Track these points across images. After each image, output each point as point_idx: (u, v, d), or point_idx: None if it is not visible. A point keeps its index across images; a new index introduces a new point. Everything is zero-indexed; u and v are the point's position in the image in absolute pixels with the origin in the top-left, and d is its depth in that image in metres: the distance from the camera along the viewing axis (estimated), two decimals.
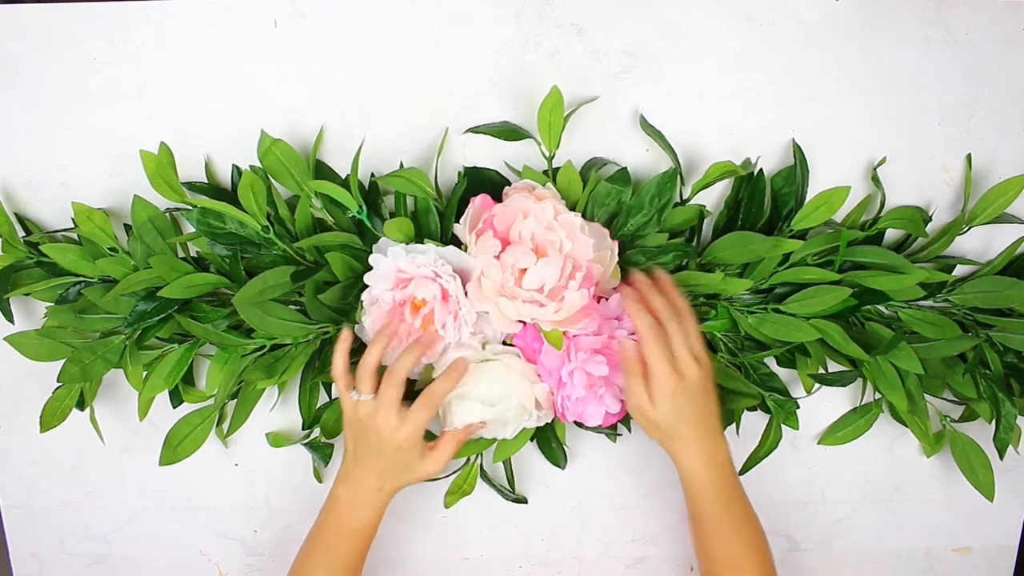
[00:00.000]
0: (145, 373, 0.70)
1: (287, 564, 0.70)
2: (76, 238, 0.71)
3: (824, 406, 0.77)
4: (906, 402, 0.71)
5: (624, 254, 0.68)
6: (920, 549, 0.82)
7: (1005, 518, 0.81)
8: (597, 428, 0.73)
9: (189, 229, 0.71)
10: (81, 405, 0.72)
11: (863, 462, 0.79)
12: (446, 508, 0.75)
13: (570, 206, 0.67)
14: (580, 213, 0.66)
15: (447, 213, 0.68)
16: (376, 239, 0.68)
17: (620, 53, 0.69)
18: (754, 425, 0.75)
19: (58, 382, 0.69)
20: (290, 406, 0.75)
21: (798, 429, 0.74)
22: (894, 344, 0.69)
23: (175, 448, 0.72)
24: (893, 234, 0.73)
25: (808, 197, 0.70)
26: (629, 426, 0.76)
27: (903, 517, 0.81)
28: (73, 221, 0.69)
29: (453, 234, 0.68)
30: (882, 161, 0.71)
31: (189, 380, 0.74)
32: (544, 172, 0.68)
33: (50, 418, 0.72)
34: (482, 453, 0.75)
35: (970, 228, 0.71)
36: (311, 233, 0.68)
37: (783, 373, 0.74)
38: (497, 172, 0.70)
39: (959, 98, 0.71)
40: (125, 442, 0.77)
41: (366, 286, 0.67)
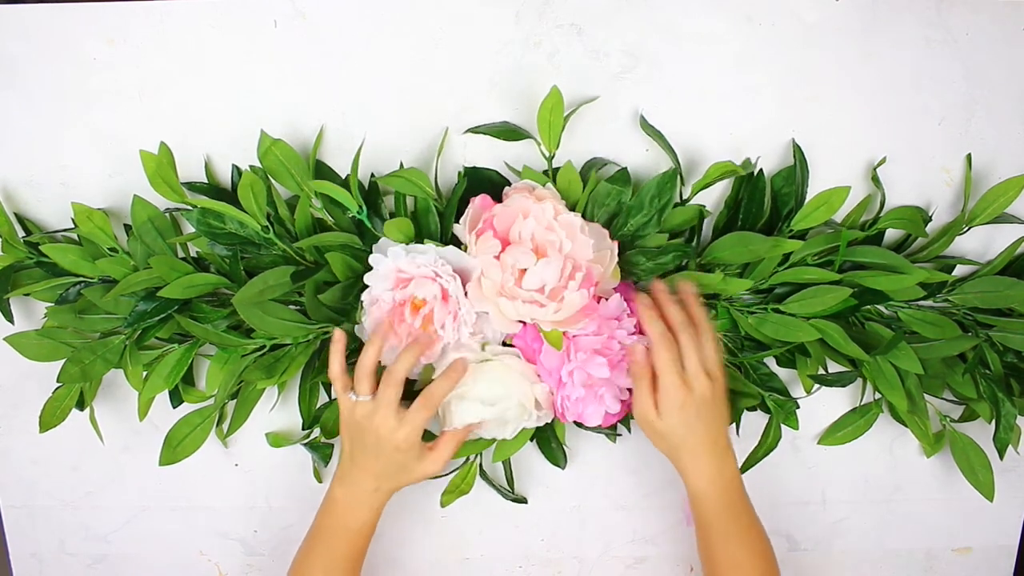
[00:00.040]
0: (145, 373, 0.70)
1: (287, 564, 0.70)
2: (76, 238, 0.71)
3: (824, 406, 0.77)
4: (906, 402, 0.71)
5: (624, 254, 0.68)
6: (920, 549, 0.82)
7: (1005, 518, 0.81)
8: (597, 428, 0.73)
9: (189, 229, 0.71)
10: (81, 405, 0.72)
11: (863, 462, 0.79)
12: (442, 507, 0.75)
13: (570, 206, 0.67)
14: (580, 213, 0.66)
15: (447, 213, 0.68)
16: (376, 239, 0.68)
17: (620, 53, 0.69)
18: (754, 425, 0.75)
19: (58, 382, 0.69)
20: (290, 406, 0.75)
21: (798, 429, 0.74)
22: (894, 344, 0.69)
23: (175, 448, 0.72)
24: (893, 234, 0.73)
25: (808, 197, 0.70)
26: (629, 426, 0.76)
27: (903, 517, 0.81)
28: (73, 221, 0.69)
29: (453, 234, 0.68)
30: (882, 161, 0.71)
31: (189, 380, 0.74)
32: (544, 172, 0.68)
33: (50, 418, 0.72)
34: (481, 453, 0.75)
35: (970, 228, 0.71)
36: (311, 233, 0.68)
37: (783, 373, 0.74)
38: (497, 172, 0.70)
39: (959, 98, 0.71)
40: (125, 442, 0.77)
41: (366, 286, 0.67)
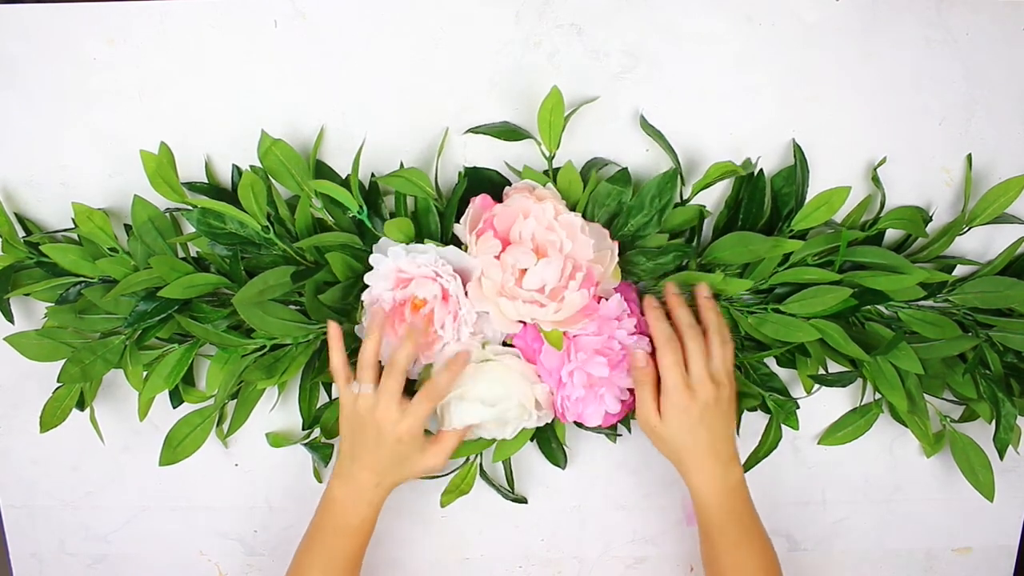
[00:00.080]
0: (145, 373, 0.70)
1: (287, 564, 0.70)
2: (76, 238, 0.71)
3: (824, 406, 0.77)
4: (906, 402, 0.71)
5: (624, 254, 0.68)
6: (920, 549, 0.82)
7: (1005, 518, 0.81)
8: (597, 428, 0.73)
9: (189, 229, 0.71)
10: (81, 405, 0.72)
11: (863, 462, 0.79)
12: (442, 507, 0.75)
13: (570, 206, 0.67)
14: (580, 213, 0.66)
15: (447, 213, 0.68)
16: (376, 239, 0.68)
17: (620, 53, 0.69)
18: (754, 425, 0.75)
19: (58, 382, 0.69)
20: (290, 406, 0.75)
21: (798, 429, 0.74)
22: (894, 344, 0.69)
23: (175, 448, 0.72)
24: (893, 234, 0.73)
25: (808, 197, 0.70)
26: (629, 426, 0.76)
27: (903, 517, 0.81)
28: (73, 221, 0.69)
29: (453, 234, 0.68)
30: (882, 161, 0.71)
31: (189, 380, 0.74)
32: (544, 172, 0.68)
33: (50, 418, 0.72)
34: (481, 453, 0.75)
35: (970, 228, 0.71)
36: (311, 233, 0.68)
37: (783, 373, 0.74)
38: (497, 172, 0.70)
39: (959, 98, 0.71)
40: (125, 442, 0.77)
41: (366, 286, 0.67)
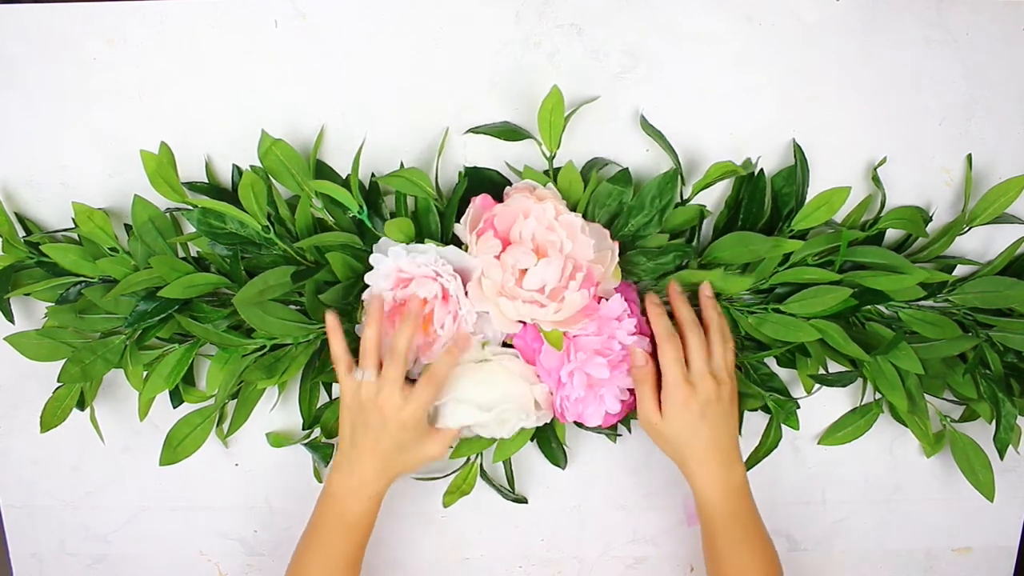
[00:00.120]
0: (145, 373, 0.70)
1: (287, 564, 0.70)
2: (76, 238, 0.71)
3: (824, 406, 0.77)
4: (906, 402, 0.71)
5: (625, 255, 0.67)
6: (920, 549, 0.82)
7: (1005, 518, 0.81)
8: (597, 428, 0.73)
9: (189, 229, 0.71)
10: (81, 405, 0.72)
11: (863, 462, 0.79)
12: (445, 507, 0.75)
13: (571, 206, 0.67)
14: (581, 214, 0.66)
15: (448, 213, 0.68)
16: (376, 239, 0.68)
17: (620, 53, 0.69)
18: (754, 425, 0.75)
19: (58, 382, 0.69)
20: (290, 406, 0.75)
21: (798, 429, 0.74)
22: (894, 344, 0.69)
23: (175, 448, 0.72)
24: (893, 234, 0.73)
25: (809, 197, 0.70)
26: (629, 426, 0.76)
27: (903, 517, 0.81)
28: (73, 221, 0.69)
29: (454, 234, 0.68)
30: (882, 161, 0.71)
31: (189, 380, 0.74)
32: (545, 172, 0.68)
33: (50, 418, 0.72)
34: (482, 453, 0.75)
35: (970, 228, 0.71)
36: (311, 233, 0.68)
37: (783, 373, 0.74)
38: (498, 172, 0.70)
39: (959, 98, 0.71)
40: (125, 442, 0.77)
41: (367, 286, 0.67)
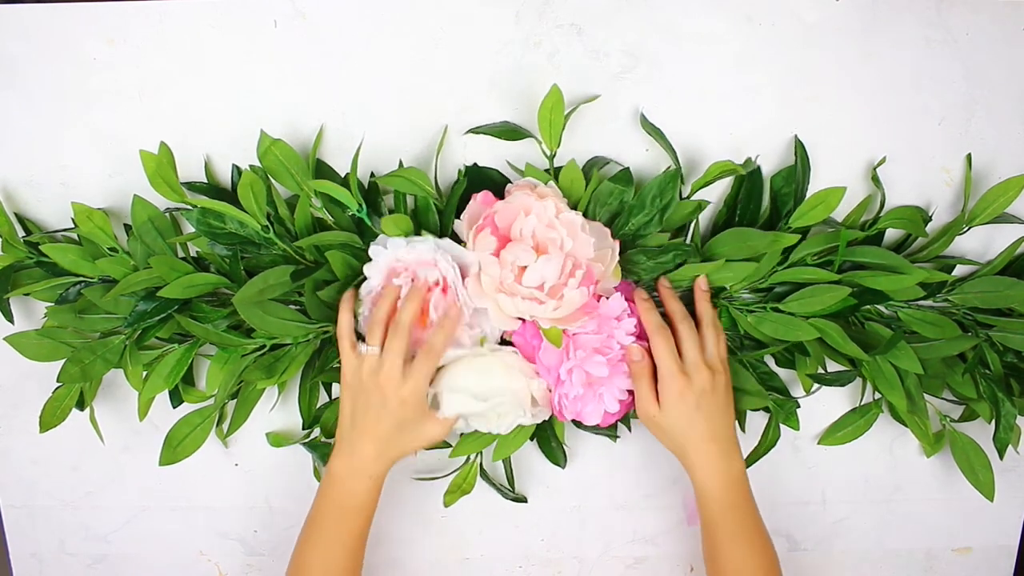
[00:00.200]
0: (145, 373, 0.70)
1: (287, 564, 0.70)
2: (76, 238, 0.71)
3: (824, 406, 0.77)
4: (906, 402, 0.71)
5: (625, 253, 0.67)
6: (920, 549, 0.82)
7: (1005, 518, 0.81)
8: (596, 428, 0.73)
9: (189, 229, 0.71)
10: (81, 405, 0.72)
11: (863, 462, 0.79)
12: (445, 507, 0.75)
13: (572, 205, 0.67)
14: (582, 212, 0.66)
15: (447, 211, 0.68)
16: (375, 237, 0.68)
17: (620, 53, 0.69)
18: (754, 425, 0.75)
19: (58, 382, 0.69)
20: (290, 406, 0.75)
21: (798, 430, 0.74)
22: (893, 344, 0.69)
23: (175, 448, 0.72)
24: (893, 234, 0.73)
25: (808, 195, 0.70)
26: (629, 426, 0.76)
27: (903, 517, 0.81)
28: (73, 221, 0.69)
29: (454, 231, 0.68)
30: (882, 161, 0.71)
31: (189, 380, 0.74)
32: (546, 171, 0.68)
33: (50, 418, 0.72)
34: (482, 452, 0.75)
35: (970, 228, 0.71)
36: (311, 233, 0.68)
37: (783, 374, 0.74)
38: (498, 171, 0.70)
39: (959, 98, 0.71)
40: (125, 442, 0.77)
41: (365, 278, 0.67)
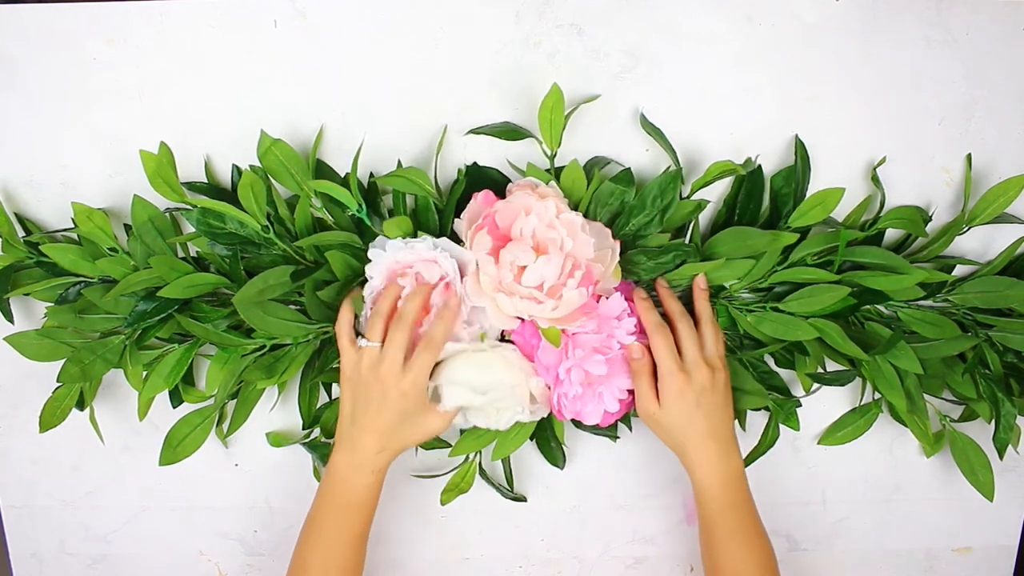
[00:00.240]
0: (145, 373, 0.70)
1: (287, 564, 0.70)
2: (76, 238, 0.71)
3: (824, 406, 0.77)
4: (905, 402, 0.71)
5: (625, 254, 0.67)
6: (920, 549, 0.82)
7: (1005, 518, 0.81)
8: (596, 428, 0.73)
9: (189, 229, 0.71)
10: (81, 405, 0.72)
11: (863, 462, 0.79)
12: (442, 505, 0.75)
13: (573, 205, 0.67)
14: (583, 212, 0.66)
15: (447, 211, 0.68)
16: (375, 237, 0.68)
17: (620, 53, 0.69)
18: (754, 424, 0.75)
19: (58, 382, 0.69)
20: (290, 406, 0.75)
21: (799, 430, 0.74)
22: (893, 344, 0.68)
23: (175, 448, 0.72)
24: (893, 234, 0.73)
25: (808, 195, 0.70)
26: (630, 425, 0.76)
27: (903, 517, 0.81)
28: (73, 221, 0.69)
29: (453, 231, 0.68)
30: (882, 161, 0.71)
31: (189, 380, 0.74)
32: (546, 171, 0.68)
33: (50, 418, 0.72)
34: (481, 452, 0.75)
35: (970, 228, 0.71)
36: (311, 233, 0.68)
37: (783, 374, 0.74)
38: (498, 170, 0.70)
39: (959, 98, 0.71)
40: (125, 442, 0.77)
41: (367, 280, 0.67)
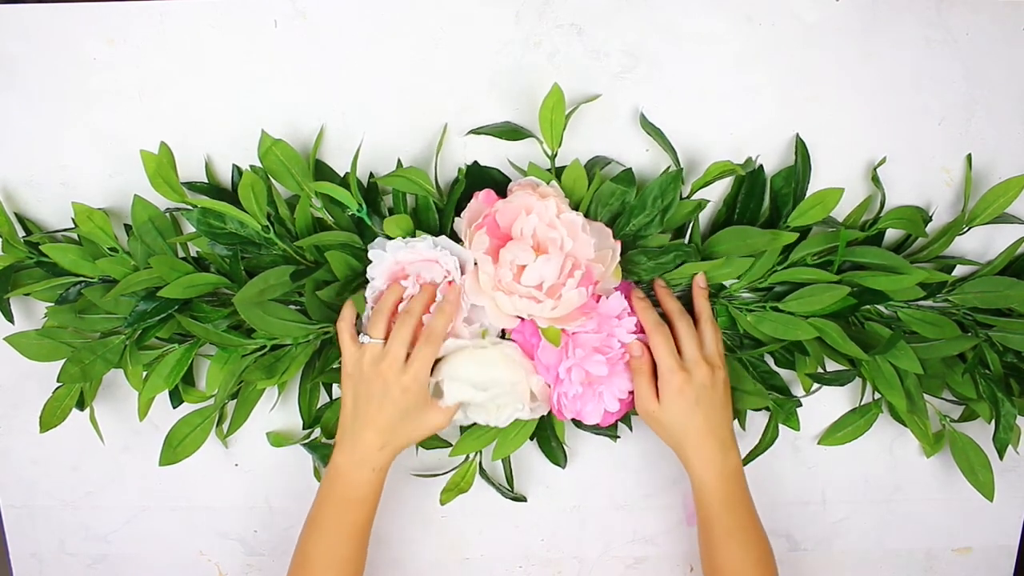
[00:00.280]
0: (145, 373, 0.70)
1: (287, 564, 0.70)
2: (76, 238, 0.71)
3: (824, 406, 0.77)
4: (905, 402, 0.71)
5: (626, 254, 0.67)
6: (920, 549, 0.82)
7: (1005, 518, 0.81)
8: (596, 428, 0.73)
9: (189, 229, 0.71)
10: (81, 405, 0.72)
11: (863, 462, 0.79)
12: (442, 505, 0.75)
13: (574, 205, 0.67)
14: (584, 212, 0.66)
15: (447, 210, 0.68)
16: (376, 237, 0.68)
17: (620, 53, 0.69)
18: (754, 424, 0.75)
19: (58, 382, 0.69)
20: (290, 406, 0.75)
21: (799, 430, 0.74)
22: (892, 343, 0.68)
23: (175, 448, 0.72)
24: (893, 234, 0.73)
25: (808, 195, 0.70)
26: (630, 425, 0.76)
27: (903, 517, 0.81)
28: (73, 221, 0.69)
29: (452, 230, 0.68)
30: (882, 161, 0.71)
31: (189, 380, 0.74)
32: (547, 170, 0.68)
33: (50, 418, 0.72)
34: (481, 452, 0.75)
35: (970, 228, 0.71)
36: (311, 233, 0.68)
37: (783, 374, 0.74)
38: (499, 170, 0.70)
39: (959, 98, 0.71)
40: (125, 442, 0.77)
41: (367, 282, 0.67)
